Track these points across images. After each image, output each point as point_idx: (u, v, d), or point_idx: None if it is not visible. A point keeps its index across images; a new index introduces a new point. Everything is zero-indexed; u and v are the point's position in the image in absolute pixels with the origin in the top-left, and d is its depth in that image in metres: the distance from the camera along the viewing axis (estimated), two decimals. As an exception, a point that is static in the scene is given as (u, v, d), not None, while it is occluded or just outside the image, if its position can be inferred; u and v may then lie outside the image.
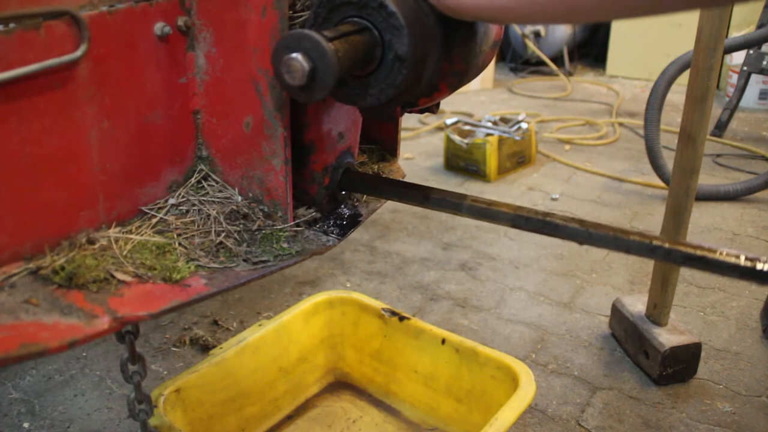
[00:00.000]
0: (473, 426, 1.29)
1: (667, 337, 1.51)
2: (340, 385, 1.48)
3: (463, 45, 0.75)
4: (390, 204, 2.51)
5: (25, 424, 1.40)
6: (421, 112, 0.86)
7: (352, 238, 2.24)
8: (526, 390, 1.14)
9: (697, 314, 1.81)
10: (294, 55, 0.63)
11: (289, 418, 1.38)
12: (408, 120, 3.55)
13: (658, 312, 1.56)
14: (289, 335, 1.37)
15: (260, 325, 1.33)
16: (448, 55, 0.75)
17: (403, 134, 3.33)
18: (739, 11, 3.93)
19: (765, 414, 1.44)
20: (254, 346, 1.29)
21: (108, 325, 0.60)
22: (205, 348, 1.65)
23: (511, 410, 1.09)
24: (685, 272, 2.00)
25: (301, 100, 0.68)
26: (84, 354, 1.63)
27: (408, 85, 0.72)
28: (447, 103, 3.79)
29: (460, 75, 0.77)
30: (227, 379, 1.24)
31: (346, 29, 0.67)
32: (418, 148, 3.18)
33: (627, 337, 1.63)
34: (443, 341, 1.32)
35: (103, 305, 0.62)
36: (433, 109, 0.86)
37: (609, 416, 1.43)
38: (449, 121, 3.03)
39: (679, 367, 1.51)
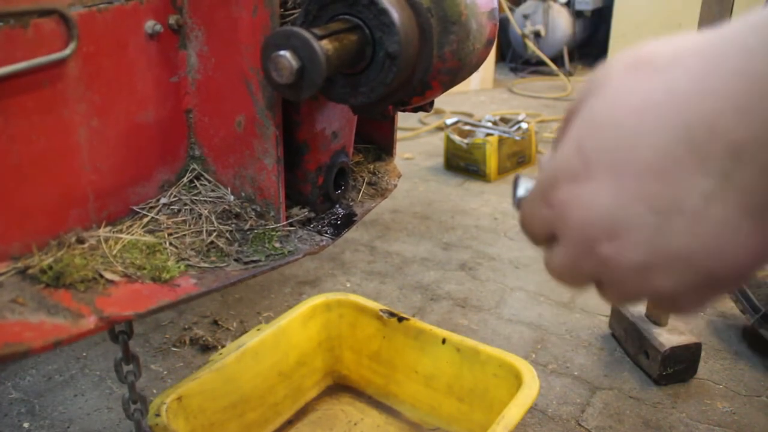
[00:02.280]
0: (475, 425, 1.28)
1: (667, 337, 1.50)
2: (339, 387, 1.47)
3: (456, 42, 0.74)
4: (390, 204, 2.50)
5: (25, 424, 1.40)
6: (415, 110, 0.85)
7: (352, 238, 2.23)
8: (531, 387, 1.13)
9: (697, 314, 1.80)
10: (282, 52, 0.63)
11: (290, 422, 1.37)
12: (408, 120, 3.54)
13: (658, 312, 1.55)
14: (287, 339, 1.36)
15: (258, 330, 1.32)
16: (440, 53, 0.74)
17: (403, 134, 3.33)
18: (739, 10, 3.91)
19: (765, 414, 1.43)
20: (254, 351, 1.29)
21: (94, 324, 0.59)
22: (205, 348, 1.64)
23: (517, 407, 1.08)
24: (686, 272, 1.99)
25: (290, 98, 0.68)
26: (84, 354, 1.62)
27: (399, 83, 0.71)
28: (447, 103, 3.78)
29: (453, 73, 0.77)
30: (228, 386, 1.23)
31: (337, 27, 0.67)
32: (418, 148, 3.17)
33: (627, 337, 1.62)
34: (444, 341, 1.31)
35: (89, 305, 0.62)
36: (427, 107, 0.85)
37: (609, 416, 1.42)
38: (449, 121, 3.02)
39: (679, 367, 1.50)
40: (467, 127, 2.93)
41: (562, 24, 4.64)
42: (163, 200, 0.79)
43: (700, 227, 0.34)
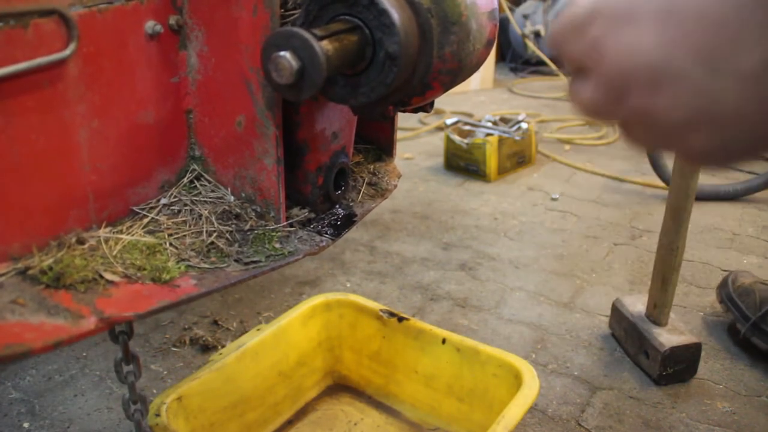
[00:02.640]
0: (475, 425, 1.28)
1: (667, 337, 1.50)
2: (339, 387, 1.48)
3: (456, 43, 0.74)
4: (390, 204, 2.50)
5: (25, 424, 1.40)
6: (415, 111, 0.85)
7: (352, 238, 2.23)
8: (530, 387, 1.13)
9: (697, 314, 1.80)
10: (282, 53, 0.63)
11: (290, 422, 1.37)
12: (408, 120, 3.54)
13: (658, 312, 1.55)
14: (287, 339, 1.36)
15: (258, 330, 1.32)
16: (440, 54, 0.74)
17: (403, 134, 3.33)
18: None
19: (765, 414, 1.43)
20: (254, 351, 1.29)
21: (94, 325, 0.59)
22: (205, 348, 1.64)
23: (518, 407, 1.08)
24: (685, 272, 1.99)
25: (290, 99, 0.68)
26: (84, 354, 1.62)
27: (399, 84, 0.71)
28: (447, 103, 3.78)
29: (454, 73, 0.77)
30: (228, 386, 1.23)
31: (337, 28, 0.67)
32: (418, 148, 3.17)
33: (627, 337, 1.62)
34: (444, 341, 1.31)
35: (90, 305, 0.62)
36: (427, 108, 0.85)
37: (609, 416, 1.42)
38: (449, 121, 3.02)
39: (679, 367, 1.50)
40: (467, 127, 2.93)
41: (562, 24, 4.64)
42: (163, 201, 0.79)
43: (755, 91, 0.30)
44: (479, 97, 4.12)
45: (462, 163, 2.81)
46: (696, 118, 0.33)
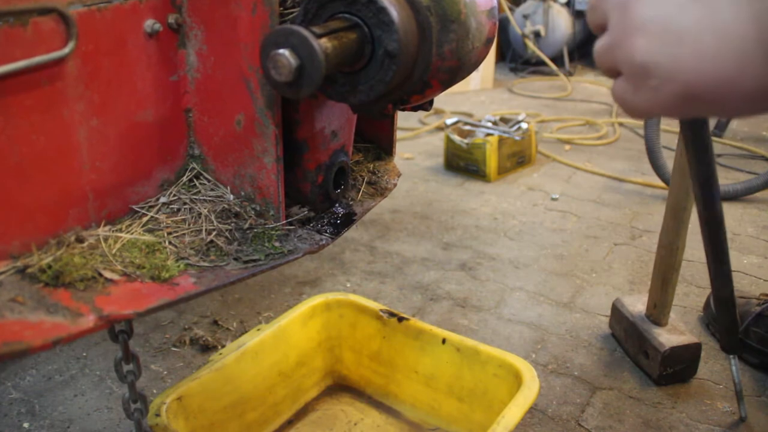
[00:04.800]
0: (475, 425, 1.28)
1: (667, 337, 1.50)
2: (339, 387, 1.47)
3: (455, 41, 0.74)
4: (390, 204, 2.50)
5: (25, 424, 1.40)
6: (415, 109, 0.85)
7: (352, 237, 2.23)
8: (530, 387, 1.13)
9: (697, 314, 1.80)
10: (281, 51, 0.63)
11: (290, 422, 1.37)
12: (408, 120, 3.54)
13: (658, 312, 1.55)
14: (287, 339, 1.36)
15: (258, 330, 1.32)
16: (439, 51, 0.74)
17: (403, 134, 3.33)
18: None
19: (765, 414, 1.42)
20: (254, 351, 1.29)
21: (93, 323, 0.59)
22: (205, 348, 1.64)
23: (517, 407, 1.08)
24: (685, 272, 1.99)
25: (289, 97, 0.68)
26: (84, 354, 1.62)
27: (399, 82, 0.71)
28: (447, 103, 3.78)
29: (453, 71, 0.77)
30: (228, 386, 1.23)
31: (336, 26, 0.67)
32: (418, 148, 3.17)
33: (627, 337, 1.62)
34: (444, 341, 1.31)
35: (89, 303, 0.62)
36: (427, 106, 0.85)
37: (609, 416, 1.42)
38: (449, 121, 3.02)
39: (679, 367, 1.50)
40: (467, 127, 2.93)
41: (562, 24, 4.65)
42: (163, 199, 0.79)
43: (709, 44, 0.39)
44: (479, 97, 4.12)
45: (462, 163, 2.81)
46: (654, 28, 0.41)
